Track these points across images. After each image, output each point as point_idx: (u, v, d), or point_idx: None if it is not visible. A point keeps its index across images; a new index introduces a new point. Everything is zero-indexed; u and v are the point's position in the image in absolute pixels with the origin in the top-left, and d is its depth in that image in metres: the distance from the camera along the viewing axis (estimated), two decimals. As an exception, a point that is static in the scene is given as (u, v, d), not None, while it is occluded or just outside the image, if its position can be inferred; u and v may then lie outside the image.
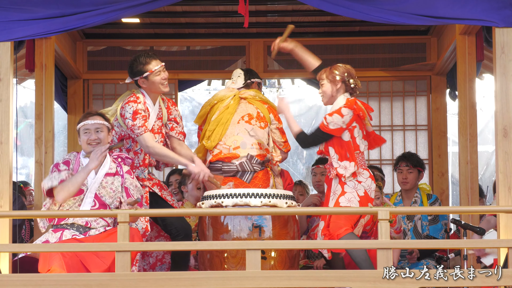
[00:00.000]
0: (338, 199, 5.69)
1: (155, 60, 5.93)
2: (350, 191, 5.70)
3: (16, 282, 4.93)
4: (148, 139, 5.83)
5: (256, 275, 4.89)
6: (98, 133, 5.57)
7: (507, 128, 5.51)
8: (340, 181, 5.75)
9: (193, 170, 5.87)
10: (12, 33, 5.61)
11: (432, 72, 8.58)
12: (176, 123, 6.14)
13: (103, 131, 5.59)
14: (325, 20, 8.36)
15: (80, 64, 8.59)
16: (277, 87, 12.47)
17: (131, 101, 5.89)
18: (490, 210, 5.91)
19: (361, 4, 5.63)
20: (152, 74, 5.90)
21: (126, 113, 5.86)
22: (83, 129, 5.59)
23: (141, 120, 5.84)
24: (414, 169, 7.12)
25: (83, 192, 5.51)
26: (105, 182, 5.56)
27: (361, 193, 5.71)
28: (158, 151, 5.85)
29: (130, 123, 5.83)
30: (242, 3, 5.77)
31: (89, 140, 5.56)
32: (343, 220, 5.59)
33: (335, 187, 5.78)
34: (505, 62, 5.55)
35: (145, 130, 5.83)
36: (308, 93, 12.50)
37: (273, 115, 6.31)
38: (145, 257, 6.11)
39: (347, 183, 5.72)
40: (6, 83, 5.62)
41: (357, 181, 5.73)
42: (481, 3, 5.55)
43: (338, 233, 5.54)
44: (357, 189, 5.71)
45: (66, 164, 5.57)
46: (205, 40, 8.70)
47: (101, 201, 5.52)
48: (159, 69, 5.91)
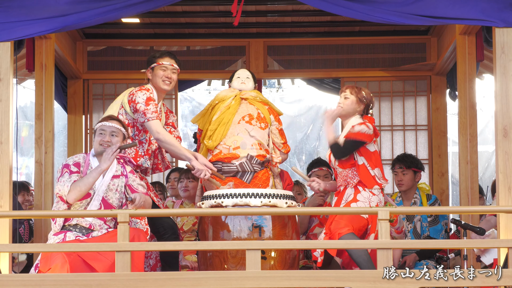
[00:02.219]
0: (350, 204, 5.72)
1: (170, 58, 6.08)
2: (363, 200, 5.74)
3: (16, 282, 4.93)
4: (159, 125, 5.90)
5: (256, 275, 4.89)
6: (112, 137, 5.59)
7: (507, 128, 5.52)
8: (356, 190, 5.78)
9: (197, 166, 5.89)
10: (12, 32, 5.62)
11: (432, 72, 8.58)
12: (173, 128, 6.22)
13: (118, 136, 5.61)
14: (325, 20, 8.36)
15: (80, 64, 8.59)
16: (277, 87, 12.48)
17: (144, 89, 5.97)
18: (490, 210, 5.91)
19: (361, 4, 5.63)
20: (158, 66, 6.03)
21: (138, 98, 5.90)
22: (99, 129, 5.62)
23: (154, 106, 5.90)
24: (408, 170, 7.12)
25: (90, 195, 5.52)
26: (112, 185, 5.57)
27: (373, 205, 5.74)
28: (167, 138, 5.89)
29: (143, 107, 5.87)
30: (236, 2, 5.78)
31: (101, 141, 5.58)
32: (345, 221, 5.60)
33: (347, 196, 5.82)
34: (505, 62, 5.56)
35: (157, 116, 5.89)
36: (308, 93, 12.50)
37: (273, 116, 6.31)
38: (145, 259, 6.11)
39: (361, 192, 5.76)
40: (6, 83, 5.62)
41: (371, 193, 5.77)
42: (481, 3, 5.55)
43: (339, 232, 5.55)
44: (370, 201, 5.75)
45: (77, 166, 5.56)
46: (205, 40, 8.70)
47: (107, 204, 5.52)
48: (166, 65, 6.03)
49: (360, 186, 5.80)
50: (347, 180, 5.85)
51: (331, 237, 5.60)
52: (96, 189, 5.52)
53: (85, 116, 8.64)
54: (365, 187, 5.78)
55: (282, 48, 8.74)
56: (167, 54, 6.12)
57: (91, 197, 5.51)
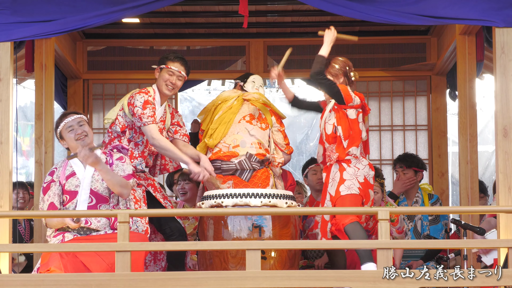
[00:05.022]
0: (339, 188, 5.75)
1: (180, 64, 6.03)
2: (349, 178, 5.77)
3: (16, 282, 4.93)
4: (155, 130, 5.88)
5: (256, 275, 4.89)
6: (82, 127, 5.54)
7: (507, 128, 5.52)
8: (341, 167, 5.80)
9: (193, 170, 5.89)
10: (12, 33, 5.61)
11: (432, 72, 8.58)
12: (179, 127, 6.21)
13: (85, 124, 5.57)
14: (325, 20, 8.34)
15: (80, 64, 8.59)
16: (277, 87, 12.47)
17: (143, 92, 5.96)
18: (490, 210, 5.91)
19: (361, 4, 5.63)
20: (166, 69, 6.00)
21: (136, 101, 5.90)
22: (66, 127, 5.54)
23: (151, 110, 5.88)
24: (408, 170, 7.13)
25: (77, 193, 5.49)
26: (97, 175, 5.51)
27: (361, 179, 5.78)
28: (163, 144, 5.88)
29: (140, 111, 5.86)
30: (243, 3, 5.77)
31: (76, 136, 5.51)
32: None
33: (333, 174, 5.85)
34: (505, 62, 5.56)
35: (153, 121, 5.88)
36: (308, 93, 12.49)
37: (275, 118, 6.33)
38: (157, 261, 6.09)
39: (346, 169, 5.77)
40: (6, 83, 5.62)
41: (356, 167, 5.78)
42: (481, 3, 5.56)
43: (344, 222, 5.59)
44: (356, 176, 5.78)
45: (51, 174, 5.53)
46: (205, 40, 8.70)
47: (98, 195, 5.49)
48: (174, 70, 5.99)
49: (343, 162, 5.83)
50: (330, 155, 5.90)
51: (337, 227, 5.63)
52: (81, 182, 5.49)
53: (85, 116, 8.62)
54: (349, 163, 5.79)
55: (282, 48, 8.72)
56: (180, 60, 6.06)
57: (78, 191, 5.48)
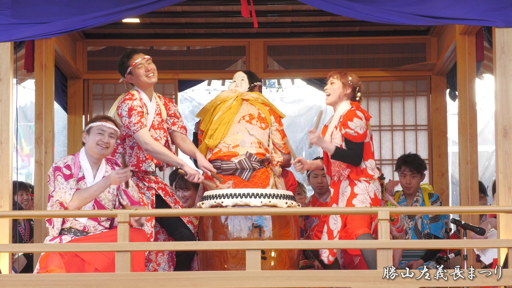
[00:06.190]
0: (351, 201, 5.73)
1: (137, 54, 6.04)
2: (361, 193, 5.75)
3: (16, 282, 4.93)
4: (145, 135, 5.86)
5: (256, 275, 4.89)
6: (111, 138, 5.54)
7: (507, 128, 5.52)
8: (351, 182, 5.78)
9: (189, 172, 5.89)
10: (13, 34, 5.61)
11: (432, 72, 8.58)
12: (176, 118, 6.21)
13: (114, 139, 5.58)
14: (325, 20, 8.36)
15: (80, 64, 8.59)
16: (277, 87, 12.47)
17: (127, 99, 5.96)
18: (490, 210, 5.91)
19: (361, 4, 5.63)
20: (134, 67, 6.00)
21: (122, 111, 5.92)
22: (98, 129, 5.52)
23: (137, 116, 5.87)
24: (418, 174, 7.13)
25: None
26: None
27: (372, 195, 5.77)
28: (156, 148, 5.87)
29: (127, 121, 5.88)
30: (245, 5, 5.77)
31: (100, 141, 5.50)
32: (360, 221, 5.64)
33: (343, 189, 5.82)
34: (505, 62, 5.56)
35: (141, 126, 5.87)
36: (308, 93, 12.49)
37: (274, 117, 6.33)
38: (165, 263, 6.08)
39: (357, 184, 5.76)
40: (6, 83, 5.62)
41: (366, 182, 5.77)
42: (481, 3, 5.56)
43: (356, 233, 5.57)
44: (368, 191, 5.75)
45: (68, 168, 5.49)
46: (205, 40, 8.70)
47: (100, 206, 5.50)
48: (140, 61, 6.00)
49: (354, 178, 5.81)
50: (340, 171, 5.86)
51: (347, 238, 5.61)
52: None
53: (85, 116, 8.63)
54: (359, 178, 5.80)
55: (282, 48, 8.73)
56: (133, 52, 6.07)
57: None
